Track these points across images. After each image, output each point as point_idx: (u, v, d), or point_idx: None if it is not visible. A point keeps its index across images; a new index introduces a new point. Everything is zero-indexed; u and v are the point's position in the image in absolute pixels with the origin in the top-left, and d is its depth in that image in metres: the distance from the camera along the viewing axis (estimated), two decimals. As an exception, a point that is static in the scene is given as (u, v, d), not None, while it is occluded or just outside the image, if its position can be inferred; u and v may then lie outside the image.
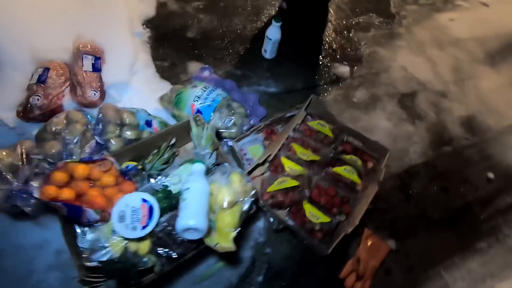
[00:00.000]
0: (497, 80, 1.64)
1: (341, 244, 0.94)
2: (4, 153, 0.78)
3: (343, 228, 0.95)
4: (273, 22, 1.29)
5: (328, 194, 1.00)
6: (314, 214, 0.95)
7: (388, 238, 1.16)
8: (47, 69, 1.06)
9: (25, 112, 1.02)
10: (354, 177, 1.03)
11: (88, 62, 1.12)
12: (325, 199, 0.99)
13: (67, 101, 1.09)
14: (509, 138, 1.48)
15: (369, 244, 1.10)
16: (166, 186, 0.83)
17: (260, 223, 1.11)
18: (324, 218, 0.96)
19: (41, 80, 1.04)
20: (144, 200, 0.74)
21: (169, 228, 0.75)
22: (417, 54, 1.65)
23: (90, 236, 0.80)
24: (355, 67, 1.53)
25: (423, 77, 1.57)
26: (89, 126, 0.90)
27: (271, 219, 1.05)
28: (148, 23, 1.45)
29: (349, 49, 1.59)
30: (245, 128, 1.15)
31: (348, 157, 1.08)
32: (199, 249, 0.79)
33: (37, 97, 1.01)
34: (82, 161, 0.77)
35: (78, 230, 0.82)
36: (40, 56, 1.07)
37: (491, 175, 1.36)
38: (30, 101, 1.01)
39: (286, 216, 1.00)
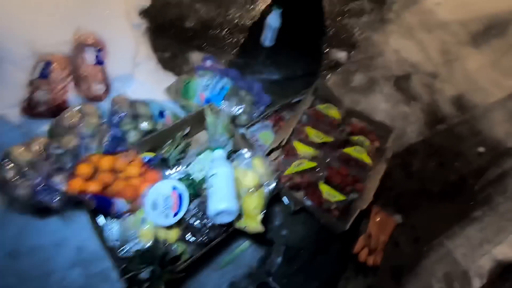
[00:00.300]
0: (481, 60, 1.74)
1: (352, 222, 0.99)
2: (21, 150, 0.76)
3: (358, 205, 1.00)
4: (274, 9, 1.30)
5: (341, 174, 1.05)
6: (330, 194, 0.99)
7: (394, 213, 1.23)
8: (48, 63, 1.02)
9: (30, 108, 0.99)
10: (364, 156, 1.08)
11: (90, 55, 1.08)
12: (339, 179, 1.04)
13: (72, 96, 1.06)
14: (495, 114, 1.58)
15: (377, 220, 1.16)
16: (190, 175, 0.84)
17: (276, 207, 1.14)
18: (340, 197, 1.01)
19: (44, 74, 1.00)
20: (174, 188, 0.74)
21: (200, 213, 0.76)
22: (408, 38, 1.71)
23: (117, 228, 0.80)
24: (352, 52, 1.58)
25: (415, 59, 1.64)
26: (103, 119, 0.89)
27: (286, 202, 1.09)
28: (144, 14, 1.41)
29: (344, 35, 1.63)
30: (254, 115, 1.17)
31: (356, 138, 1.13)
32: (228, 232, 0.81)
33: (42, 92, 0.98)
34: (106, 152, 0.76)
35: (101, 222, 0.81)
36: (40, 49, 1.03)
37: (481, 149, 1.46)
38: (34, 96, 0.98)
39: (304, 197, 1.03)
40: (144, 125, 0.92)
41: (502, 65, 1.73)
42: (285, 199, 1.09)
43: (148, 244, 0.76)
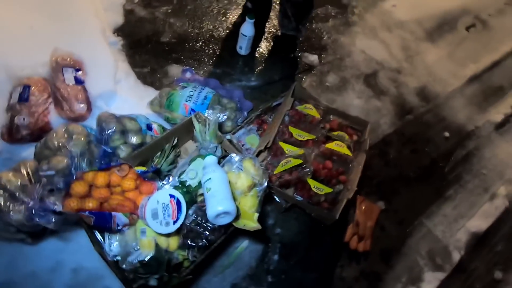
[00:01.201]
0: (438, 53, 1.91)
1: (341, 213, 1.06)
2: (10, 174, 0.75)
3: (344, 195, 1.07)
4: (247, 18, 1.36)
5: (325, 168, 1.11)
6: (318, 187, 1.05)
7: (378, 200, 1.31)
8: (27, 87, 1.01)
9: (11, 134, 0.97)
10: (344, 150, 1.16)
11: (69, 75, 1.08)
12: (324, 173, 1.10)
13: (54, 117, 1.05)
14: (455, 101, 1.74)
15: (363, 208, 1.23)
16: (185, 182, 0.86)
17: (267, 207, 1.18)
18: (327, 189, 1.07)
19: (23, 98, 0.99)
20: (171, 196, 0.77)
21: (199, 218, 0.79)
22: (371, 38, 1.84)
23: (116, 243, 0.81)
24: (322, 55, 1.68)
25: (379, 57, 1.77)
26: (91, 137, 0.89)
27: (278, 200, 1.13)
28: (119, 31, 1.42)
29: (313, 39, 1.73)
30: (239, 121, 1.21)
31: (335, 133, 1.20)
32: (227, 233, 0.84)
33: (23, 116, 0.96)
34: (100, 169, 0.77)
35: (100, 238, 0.81)
36: (16, 73, 1.02)
37: (447, 133, 1.60)
38: (15, 121, 0.96)
39: (294, 193, 1.08)
40: (133, 139, 0.93)
41: (457, 57, 1.91)
42: (276, 198, 1.14)
43: (150, 254, 0.77)
